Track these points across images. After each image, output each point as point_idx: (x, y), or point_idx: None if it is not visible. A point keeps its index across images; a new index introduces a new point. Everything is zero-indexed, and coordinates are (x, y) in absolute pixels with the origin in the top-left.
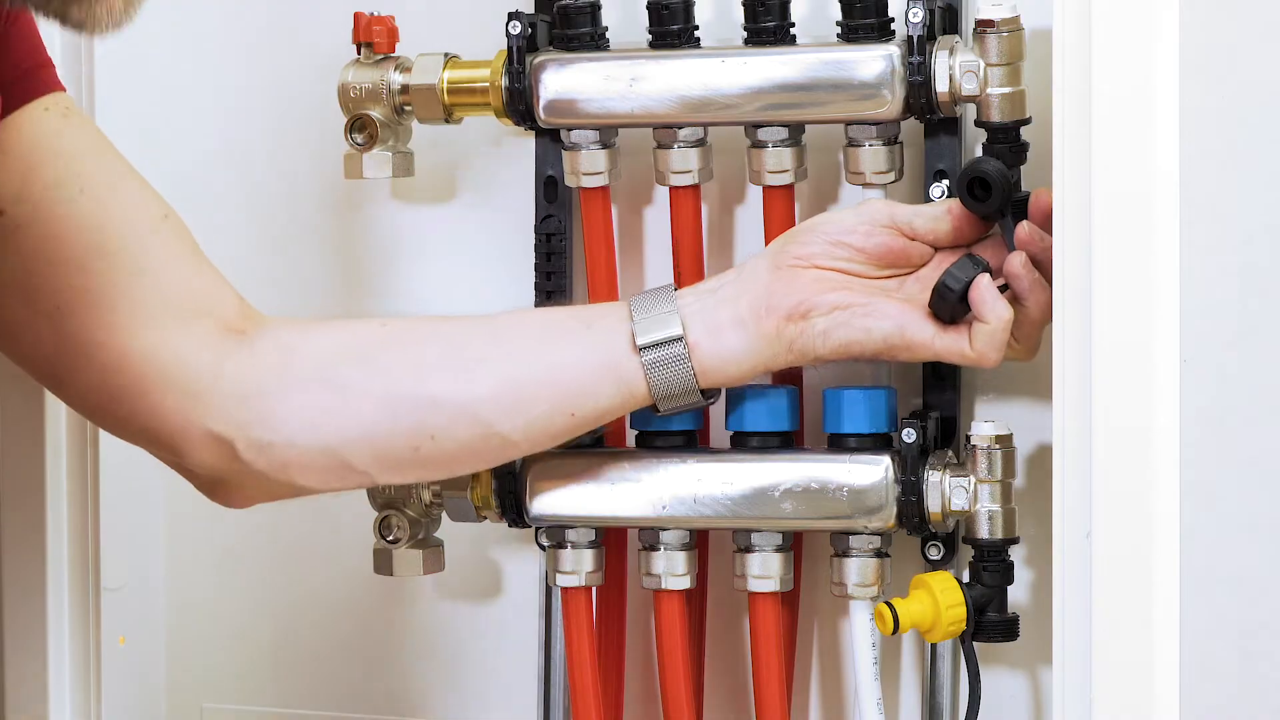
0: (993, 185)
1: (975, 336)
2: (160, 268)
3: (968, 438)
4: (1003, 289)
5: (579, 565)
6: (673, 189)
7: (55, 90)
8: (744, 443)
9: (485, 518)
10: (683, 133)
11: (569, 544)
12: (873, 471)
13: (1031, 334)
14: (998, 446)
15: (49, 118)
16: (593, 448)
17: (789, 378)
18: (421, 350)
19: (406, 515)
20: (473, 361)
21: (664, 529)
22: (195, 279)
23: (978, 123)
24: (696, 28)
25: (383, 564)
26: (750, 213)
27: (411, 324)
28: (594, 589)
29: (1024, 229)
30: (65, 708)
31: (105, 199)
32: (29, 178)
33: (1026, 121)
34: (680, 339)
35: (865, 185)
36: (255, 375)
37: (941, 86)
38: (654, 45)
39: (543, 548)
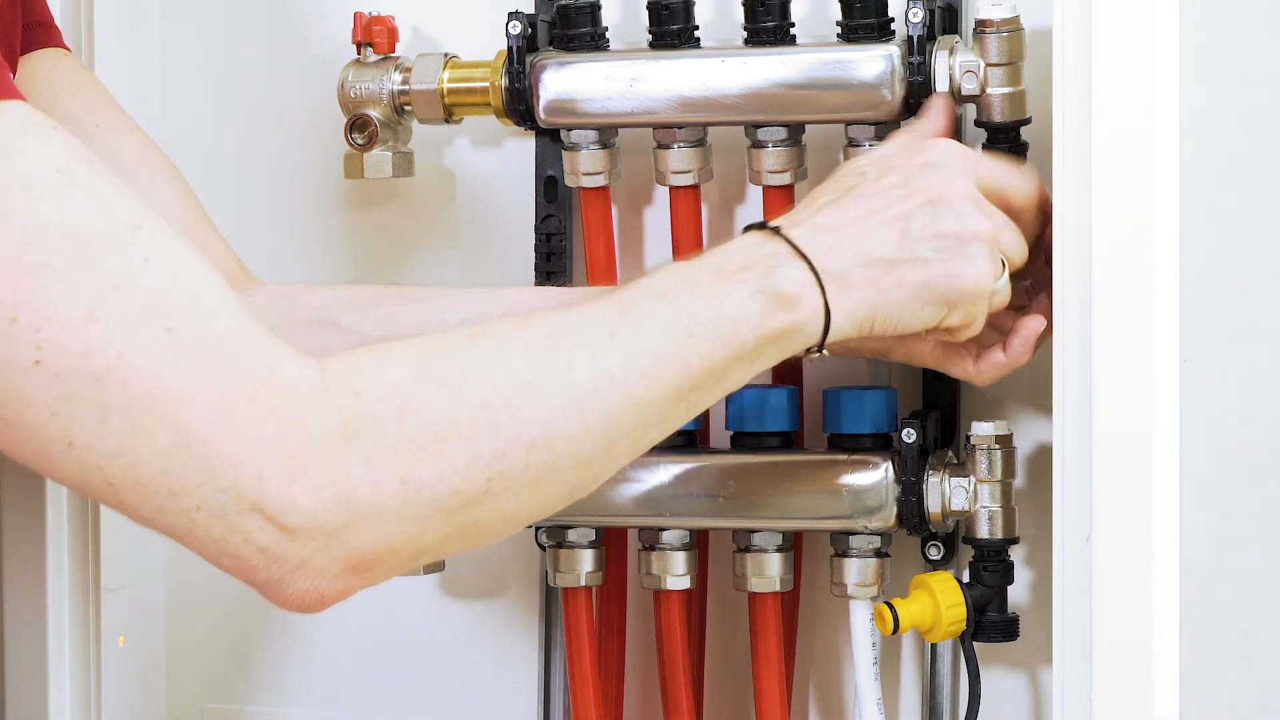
0: None
1: (984, 363)
2: (165, 206)
3: (968, 438)
4: None
5: (579, 565)
6: (673, 189)
7: (67, 48)
8: (744, 443)
9: None
10: (683, 133)
11: (569, 544)
12: (873, 471)
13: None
14: (998, 446)
15: (71, 62)
16: None
17: (789, 377)
18: (422, 306)
19: None
20: (473, 319)
21: (664, 529)
22: (199, 226)
23: (978, 123)
24: (696, 28)
25: None
26: (750, 213)
27: (415, 287)
28: (594, 589)
29: None
30: (65, 708)
31: (119, 138)
32: (51, 107)
33: (1026, 121)
34: None
35: None
36: (257, 314)
37: (941, 86)
38: (654, 45)
39: (543, 548)
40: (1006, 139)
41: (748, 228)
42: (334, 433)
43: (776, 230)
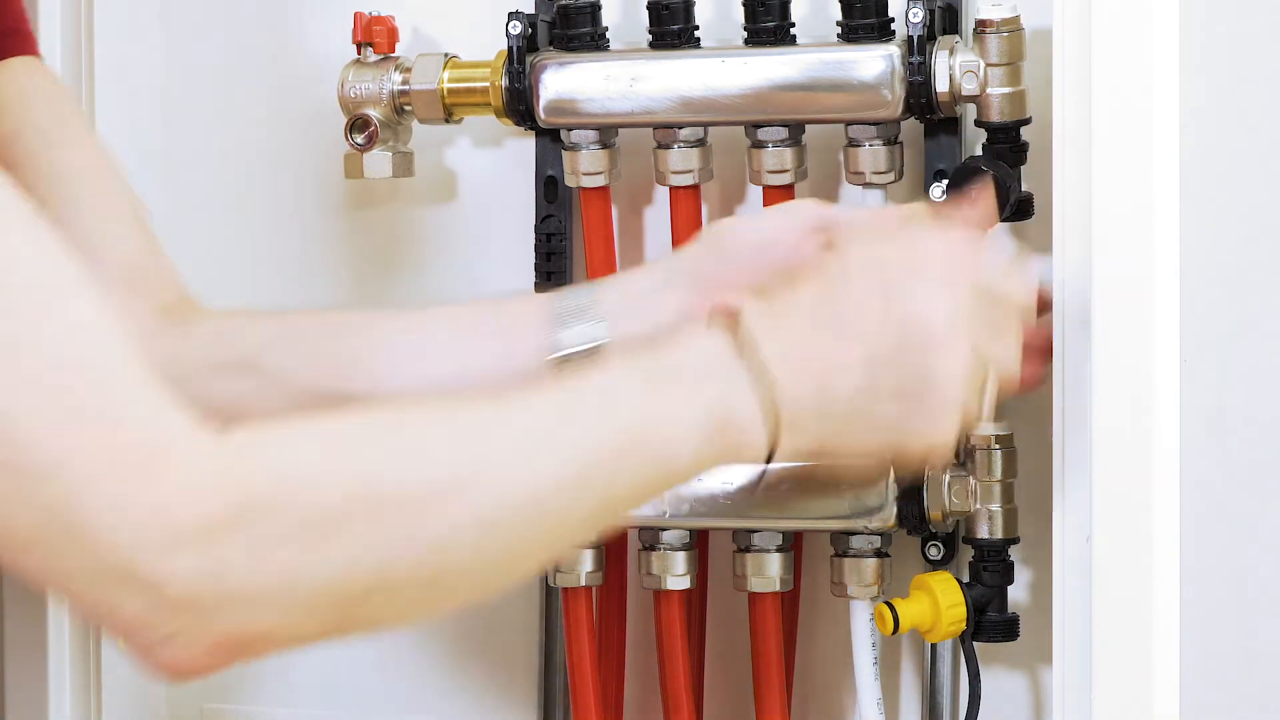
0: None
1: None
2: (120, 234)
3: (968, 437)
4: None
5: (579, 565)
6: (673, 189)
7: (39, 56)
8: None
9: None
10: (683, 133)
11: None
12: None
13: None
14: (998, 446)
15: (43, 70)
16: None
17: None
18: (363, 342)
19: None
20: (408, 359)
21: (664, 529)
22: (149, 256)
23: (978, 123)
24: (696, 28)
25: None
26: (750, 212)
27: (351, 316)
28: (594, 589)
29: None
30: (65, 708)
31: (81, 155)
32: (25, 118)
33: (1026, 121)
34: None
35: (865, 185)
36: (183, 356)
37: (941, 86)
38: (654, 45)
39: None
40: (1006, 139)
41: (712, 314)
42: (219, 512)
43: (743, 341)
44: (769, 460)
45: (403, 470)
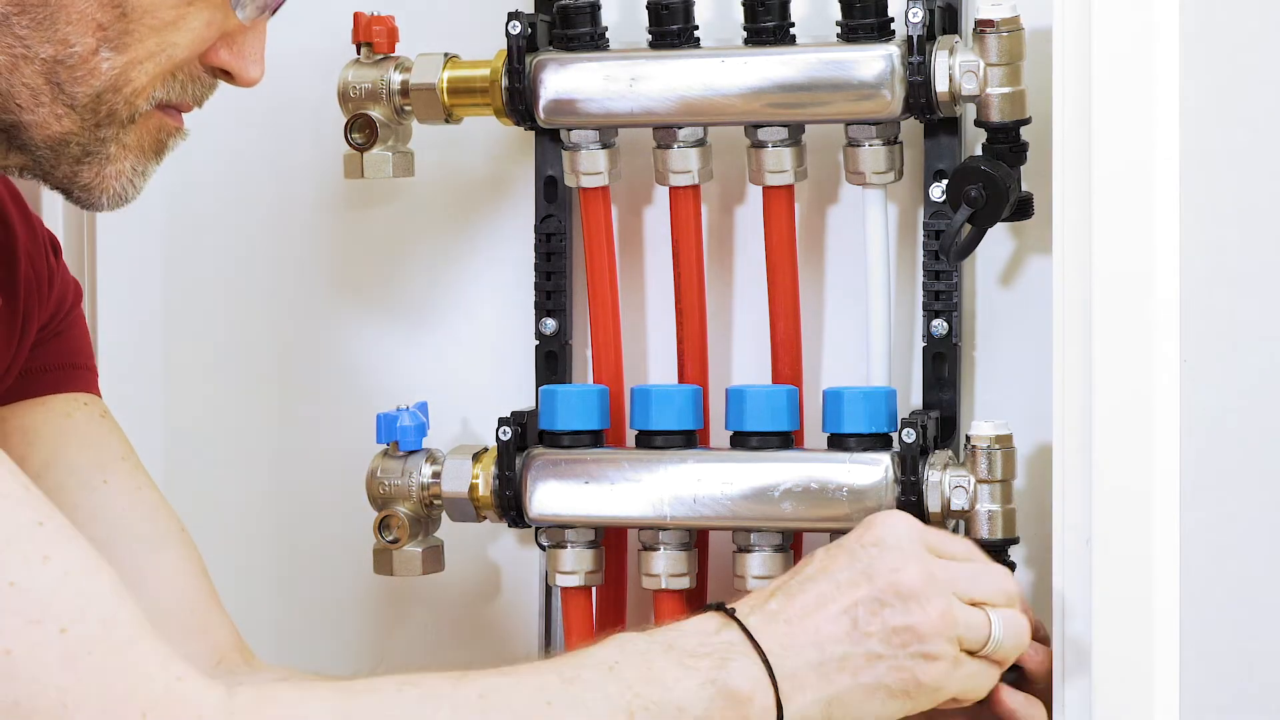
0: None
1: None
2: (168, 575)
3: (968, 438)
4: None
5: (579, 565)
6: (673, 189)
7: (94, 393)
8: (744, 442)
9: (485, 518)
10: (683, 133)
11: (569, 544)
12: (872, 471)
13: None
14: (998, 446)
15: (87, 411)
16: (593, 448)
17: (789, 377)
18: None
19: (406, 515)
20: None
21: (664, 529)
22: (199, 597)
23: (978, 122)
24: (696, 28)
25: (383, 564)
26: (750, 213)
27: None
28: (594, 589)
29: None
30: None
31: (125, 497)
32: (57, 456)
33: (1026, 121)
34: None
35: (865, 185)
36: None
37: (941, 86)
38: (654, 45)
39: (543, 548)
40: (1006, 139)
41: (704, 607)
42: None
43: (733, 615)
44: None
45: None
